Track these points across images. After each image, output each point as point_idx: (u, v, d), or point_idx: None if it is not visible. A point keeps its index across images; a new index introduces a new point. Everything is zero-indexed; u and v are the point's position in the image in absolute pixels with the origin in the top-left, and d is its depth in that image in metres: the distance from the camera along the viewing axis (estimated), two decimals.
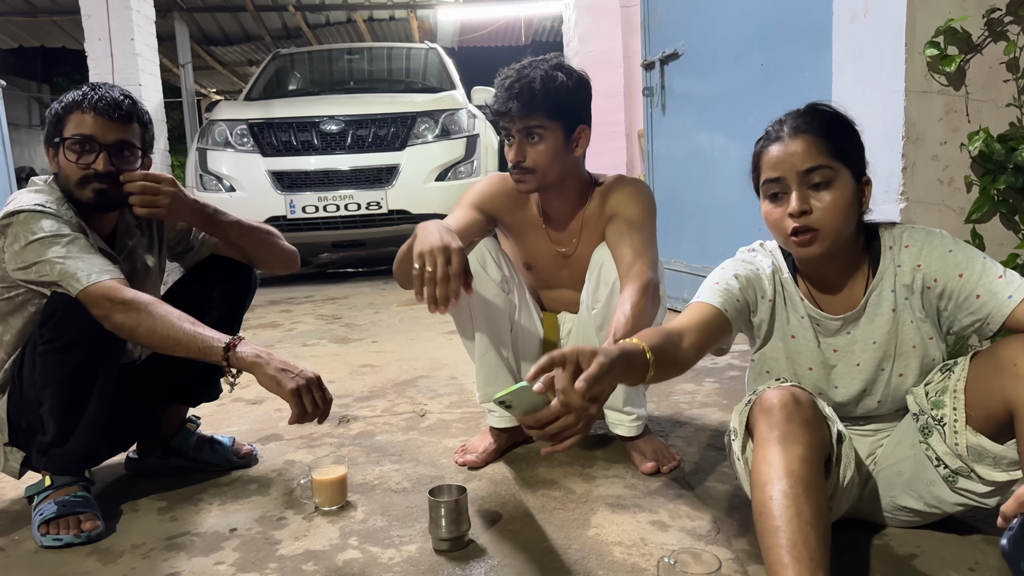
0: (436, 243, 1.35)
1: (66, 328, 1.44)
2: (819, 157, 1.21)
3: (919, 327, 1.29)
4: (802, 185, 1.22)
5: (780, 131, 1.26)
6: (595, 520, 1.48)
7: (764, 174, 1.27)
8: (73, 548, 1.46)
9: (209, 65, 11.47)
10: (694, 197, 3.31)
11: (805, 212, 1.21)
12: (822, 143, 1.22)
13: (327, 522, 1.53)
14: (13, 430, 1.59)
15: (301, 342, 3.32)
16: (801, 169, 1.21)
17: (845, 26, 2.15)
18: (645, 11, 3.64)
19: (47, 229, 1.46)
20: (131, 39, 5.26)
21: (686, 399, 2.24)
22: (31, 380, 1.51)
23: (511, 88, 1.57)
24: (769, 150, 1.26)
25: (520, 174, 1.62)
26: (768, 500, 1.09)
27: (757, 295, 1.36)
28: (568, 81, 1.60)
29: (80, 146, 1.53)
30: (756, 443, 1.18)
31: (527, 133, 1.59)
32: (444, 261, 1.34)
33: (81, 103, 1.53)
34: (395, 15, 9.74)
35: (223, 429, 2.09)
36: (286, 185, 4.84)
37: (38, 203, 1.50)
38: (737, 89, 2.92)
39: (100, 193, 1.54)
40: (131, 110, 1.57)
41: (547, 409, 1.21)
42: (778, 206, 1.25)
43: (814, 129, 1.23)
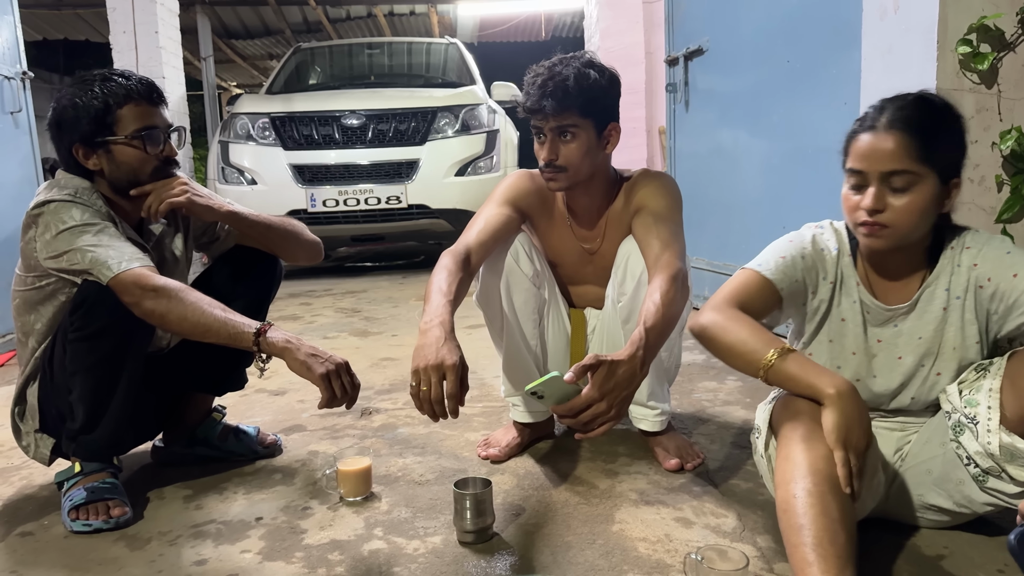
0: (431, 361, 1.32)
1: (96, 316, 1.45)
2: (904, 160, 1.18)
3: (965, 329, 1.28)
4: (882, 183, 1.20)
5: (877, 120, 1.22)
6: (619, 516, 1.48)
7: (849, 161, 1.25)
8: (102, 533, 1.48)
9: (230, 59, 11.53)
10: (716, 194, 3.29)
11: (878, 211, 1.20)
12: (913, 144, 1.18)
13: (352, 512, 1.54)
14: (44, 417, 1.61)
15: (321, 335, 3.34)
16: (883, 171, 1.20)
17: (874, 23, 2.13)
18: (669, 6, 3.62)
19: (77, 218, 1.48)
20: (155, 32, 5.30)
21: (708, 397, 2.23)
22: (61, 368, 1.52)
23: (544, 86, 1.56)
24: (860, 139, 1.23)
25: (552, 172, 1.61)
26: (792, 498, 1.09)
27: (819, 276, 1.35)
28: (601, 79, 1.59)
29: (152, 138, 1.56)
30: (780, 441, 1.17)
31: (560, 131, 1.59)
32: (438, 380, 1.31)
33: (131, 95, 1.54)
34: (415, 10, 9.76)
35: (247, 419, 2.11)
36: (307, 179, 4.87)
37: (68, 192, 1.52)
38: (762, 86, 2.90)
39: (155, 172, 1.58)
40: (160, 92, 1.62)
41: (579, 397, 1.23)
42: (855, 194, 1.24)
43: (910, 127, 1.19)
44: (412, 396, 1.34)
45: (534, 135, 1.63)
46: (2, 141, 3.28)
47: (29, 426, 1.63)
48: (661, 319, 1.37)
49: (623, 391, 1.26)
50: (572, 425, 1.28)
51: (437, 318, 1.39)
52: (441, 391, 1.31)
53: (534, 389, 1.23)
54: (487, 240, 1.61)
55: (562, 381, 1.22)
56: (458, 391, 1.32)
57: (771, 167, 2.91)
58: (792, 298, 1.34)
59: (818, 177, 2.62)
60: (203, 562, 1.36)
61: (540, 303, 1.74)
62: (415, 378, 1.33)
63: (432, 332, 1.36)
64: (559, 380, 1.22)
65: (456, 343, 1.36)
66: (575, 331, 1.81)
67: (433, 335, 1.36)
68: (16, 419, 1.64)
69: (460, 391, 1.32)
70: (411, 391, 1.34)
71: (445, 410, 1.31)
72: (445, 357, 1.32)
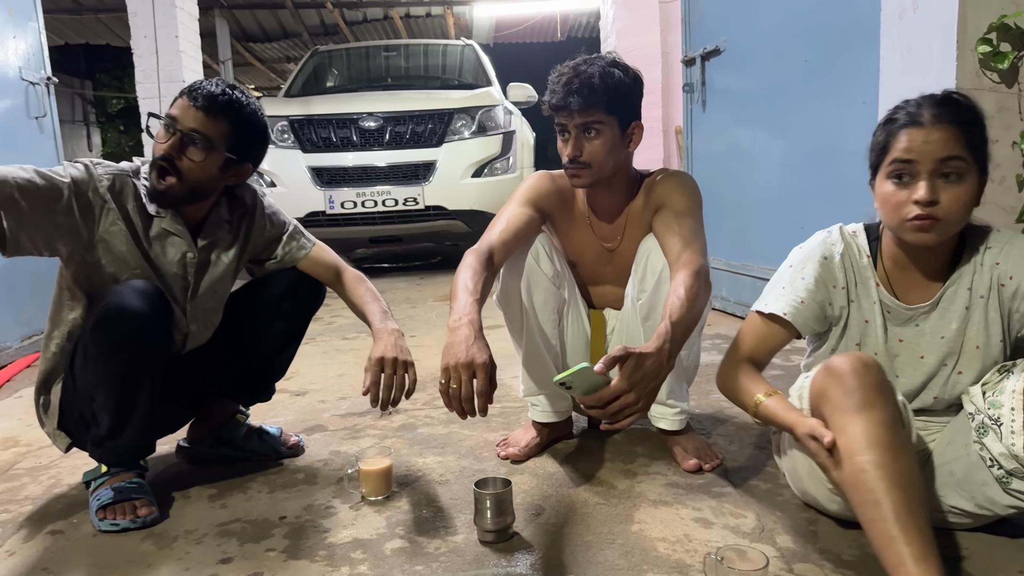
0: (462, 359, 1.34)
1: (115, 332, 1.46)
2: (958, 148, 1.19)
3: (988, 328, 1.28)
4: (934, 174, 1.20)
5: (919, 115, 1.23)
6: (638, 516, 1.49)
7: (895, 154, 1.24)
8: (129, 532, 1.50)
9: (248, 62, 11.62)
10: (733, 194, 3.29)
11: (934, 202, 1.20)
12: (961, 135, 1.20)
13: (374, 512, 1.56)
14: (63, 417, 1.65)
15: (341, 335, 3.37)
16: (939, 157, 1.20)
17: (893, 22, 2.12)
18: (686, 7, 3.62)
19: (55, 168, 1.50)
20: (175, 36, 5.35)
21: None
22: (83, 378, 1.54)
23: (570, 83, 1.57)
24: (907, 132, 1.23)
25: (576, 169, 1.63)
26: (860, 472, 1.08)
27: (828, 287, 1.37)
28: (625, 77, 1.61)
29: (163, 125, 1.56)
30: (830, 413, 1.16)
31: (584, 128, 1.60)
32: (468, 378, 1.33)
33: (186, 90, 1.56)
34: (431, 11, 9.79)
35: (269, 420, 2.13)
36: (325, 181, 4.91)
37: (101, 163, 1.57)
38: (780, 86, 2.90)
39: (158, 191, 1.55)
40: (225, 107, 1.55)
41: (607, 388, 1.25)
42: (902, 189, 1.23)
43: (958, 120, 1.21)
44: (442, 393, 1.36)
45: (558, 133, 1.65)
46: (27, 145, 3.34)
47: (51, 422, 1.67)
48: (686, 313, 1.39)
49: (651, 382, 1.27)
50: (599, 415, 1.29)
51: (466, 316, 1.40)
52: (471, 389, 1.33)
53: (563, 380, 1.25)
54: (509, 240, 1.63)
55: (591, 372, 1.24)
56: (488, 389, 1.34)
57: (789, 167, 2.90)
58: (810, 325, 1.39)
59: (836, 177, 2.62)
60: (229, 560, 1.39)
61: (560, 303, 1.76)
62: (445, 376, 1.35)
63: (461, 330, 1.38)
64: (588, 371, 1.24)
65: (485, 342, 1.38)
66: (594, 331, 1.82)
67: (463, 333, 1.37)
68: (40, 410, 1.68)
69: (490, 389, 1.34)
70: (440, 388, 1.36)
71: (474, 408, 1.33)
72: (475, 355, 1.34)
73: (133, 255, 1.57)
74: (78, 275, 1.57)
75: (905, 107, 1.26)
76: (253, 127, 1.63)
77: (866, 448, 1.09)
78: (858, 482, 1.09)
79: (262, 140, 1.67)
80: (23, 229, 1.43)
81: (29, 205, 1.42)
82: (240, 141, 1.60)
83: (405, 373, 1.56)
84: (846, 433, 1.12)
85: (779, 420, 1.29)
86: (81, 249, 1.54)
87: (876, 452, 1.08)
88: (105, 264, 1.56)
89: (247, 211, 1.75)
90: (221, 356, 1.78)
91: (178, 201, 1.59)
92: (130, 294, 1.47)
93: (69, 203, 1.49)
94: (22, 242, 1.44)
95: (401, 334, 1.63)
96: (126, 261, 1.57)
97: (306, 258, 1.80)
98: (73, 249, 1.53)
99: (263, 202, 1.78)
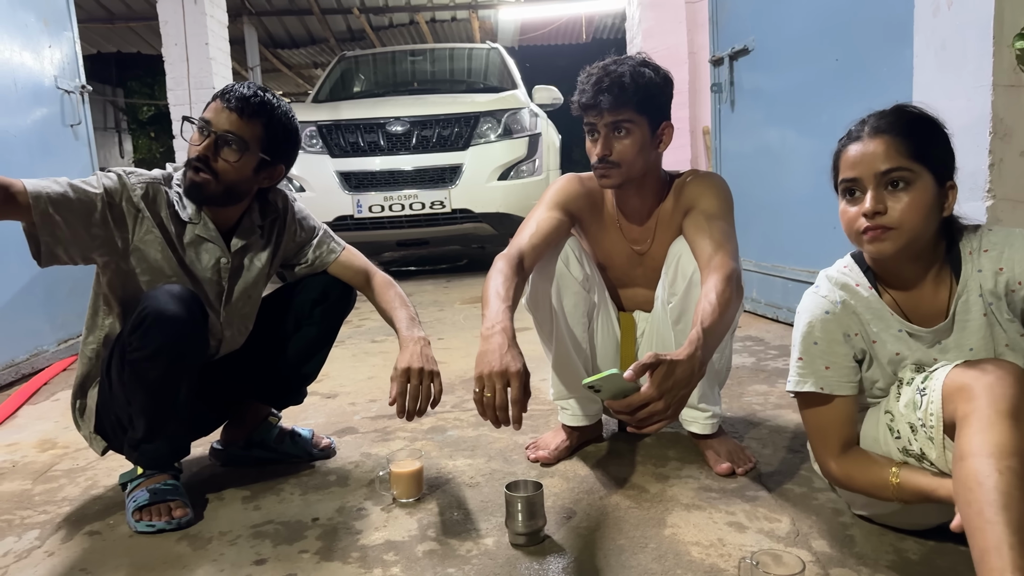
0: (496, 367, 1.32)
1: (152, 337, 1.48)
2: (897, 158, 1.19)
3: (1006, 328, 1.25)
4: (879, 186, 1.20)
5: (861, 131, 1.24)
6: (670, 519, 1.48)
7: (842, 173, 1.25)
8: (165, 534, 1.52)
9: (276, 68, 11.76)
10: (763, 195, 3.26)
11: (879, 212, 1.19)
12: (902, 144, 1.19)
13: (405, 514, 1.56)
14: (100, 421, 1.67)
15: (369, 338, 3.39)
16: (879, 170, 1.19)
17: (927, 19, 2.09)
18: (713, 6, 3.60)
19: (88, 179, 1.53)
20: (205, 44, 5.44)
21: (759, 400, 2.21)
22: (120, 382, 1.57)
23: (600, 82, 1.57)
24: (848, 149, 1.24)
25: (605, 168, 1.62)
26: (996, 473, 1.02)
27: (844, 340, 1.31)
28: (656, 77, 1.60)
29: (197, 128, 1.58)
30: (972, 411, 1.09)
31: (614, 127, 1.59)
32: (503, 387, 1.32)
33: (219, 94, 1.59)
34: (457, 16, 9.84)
35: (301, 422, 2.15)
36: (353, 185, 4.95)
37: (133, 172, 1.59)
38: (810, 85, 2.86)
39: (194, 184, 1.57)
40: (257, 109, 1.57)
41: (637, 395, 1.24)
42: (853, 205, 1.24)
43: (895, 129, 1.21)
44: (476, 402, 1.35)
45: (587, 133, 1.64)
46: (63, 152, 3.40)
47: (87, 425, 1.69)
48: (718, 319, 1.37)
49: (681, 390, 1.26)
50: (627, 421, 1.28)
51: (499, 324, 1.39)
52: (505, 398, 1.31)
53: (592, 383, 1.25)
54: (539, 244, 1.62)
55: (621, 378, 1.23)
56: (522, 398, 1.32)
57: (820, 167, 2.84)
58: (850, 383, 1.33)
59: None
60: (263, 561, 1.40)
61: (590, 307, 1.75)
62: (479, 384, 1.34)
63: (495, 338, 1.37)
64: (618, 376, 1.23)
65: (518, 349, 1.37)
66: (624, 334, 1.81)
67: (496, 341, 1.36)
68: (76, 414, 1.70)
69: (524, 398, 1.32)
70: (475, 397, 1.35)
71: (508, 417, 1.32)
72: (509, 364, 1.32)
73: (168, 262, 1.59)
74: (113, 283, 1.60)
75: (852, 127, 1.27)
76: (285, 128, 1.65)
77: (1011, 454, 1.03)
78: (982, 482, 1.02)
79: (294, 142, 1.69)
80: (59, 243, 1.45)
81: (64, 219, 1.44)
82: (273, 142, 1.62)
83: (431, 383, 1.57)
84: (989, 432, 1.05)
85: (925, 487, 1.19)
86: (116, 258, 1.56)
87: (1019, 461, 1.02)
88: (140, 272, 1.58)
89: (278, 216, 1.77)
90: (254, 361, 1.79)
91: (214, 198, 1.60)
92: (167, 299, 1.49)
93: (103, 215, 1.51)
94: (58, 254, 1.47)
95: (427, 342, 1.63)
96: (161, 269, 1.59)
97: (336, 262, 1.81)
98: (109, 258, 1.56)
99: (294, 207, 1.80)
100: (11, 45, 3.04)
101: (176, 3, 5.38)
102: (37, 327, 3.08)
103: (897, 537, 1.35)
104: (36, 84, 3.22)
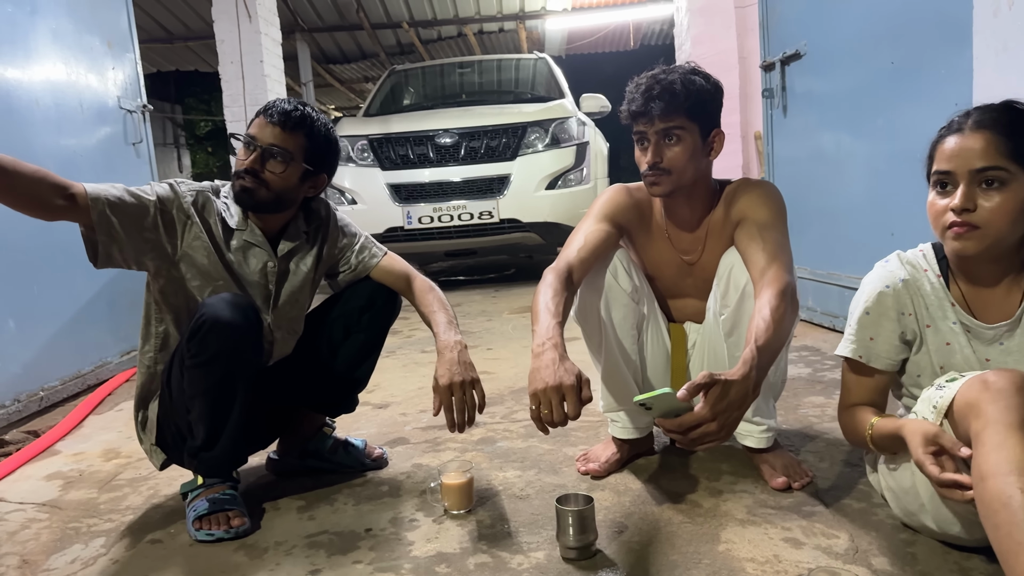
0: (550, 382, 1.32)
1: (210, 343, 1.53)
2: (995, 157, 1.16)
3: None
4: (972, 183, 1.17)
5: (963, 123, 1.21)
6: (724, 535, 1.45)
7: (936, 164, 1.22)
8: (223, 543, 1.56)
9: (328, 83, 12.00)
10: (818, 200, 3.19)
11: (968, 210, 1.16)
12: (1003, 143, 1.16)
13: (456, 525, 1.57)
14: (161, 433, 1.72)
15: (419, 348, 3.42)
16: (974, 167, 1.16)
17: (987, 19, 2.02)
18: (763, 11, 3.55)
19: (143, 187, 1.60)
20: (260, 61, 5.57)
21: (816, 412, 2.16)
22: (179, 390, 1.62)
23: (650, 90, 1.56)
24: (946, 141, 1.21)
25: (656, 175, 1.60)
26: (1020, 493, 0.98)
27: (896, 317, 1.33)
28: (707, 84, 1.59)
29: (244, 143, 1.66)
30: (984, 427, 1.07)
31: (665, 134, 1.58)
32: (559, 402, 1.31)
33: (262, 110, 1.66)
34: (504, 27, 9.91)
35: (354, 432, 2.18)
36: (403, 197, 5.01)
37: (184, 182, 1.67)
38: (865, 88, 2.80)
39: (244, 189, 1.64)
40: (299, 122, 1.64)
41: (690, 415, 1.22)
42: (943, 198, 1.21)
43: (999, 127, 1.17)
44: (533, 419, 1.35)
45: (636, 141, 1.63)
46: (125, 170, 3.52)
47: (148, 438, 1.75)
48: (772, 337, 1.34)
49: (735, 411, 1.24)
50: (679, 441, 1.27)
51: (550, 340, 1.39)
52: (563, 412, 1.31)
53: (643, 401, 1.24)
54: (587, 257, 1.62)
55: (673, 397, 1.22)
56: (579, 412, 1.32)
57: (876, 171, 2.80)
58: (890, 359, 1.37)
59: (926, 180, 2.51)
60: (317, 571, 1.42)
61: (639, 318, 1.73)
62: (534, 401, 1.34)
63: (547, 354, 1.36)
64: (670, 396, 1.22)
65: (571, 362, 1.36)
66: (675, 346, 1.80)
67: (548, 357, 1.36)
68: (139, 427, 1.76)
69: (580, 408, 1.32)
70: (532, 415, 1.35)
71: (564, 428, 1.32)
72: (563, 378, 1.32)
73: (215, 267, 1.65)
74: (164, 290, 1.66)
75: (955, 117, 1.23)
76: (326, 139, 1.71)
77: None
78: (1008, 503, 0.99)
79: (335, 152, 1.76)
80: (115, 242, 1.53)
81: (120, 221, 1.52)
82: (316, 153, 1.69)
83: (473, 391, 1.59)
84: (1005, 449, 1.03)
85: (895, 434, 1.24)
86: (167, 264, 1.62)
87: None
88: (189, 278, 1.64)
89: (322, 222, 1.82)
90: (306, 368, 1.83)
91: (263, 204, 1.67)
92: (223, 306, 1.54)
93: (155, 219, 1.58)
94: (113, 255, 1.54)
95: (464, 346, 1.65)
96: (209, 273, 1.64)
97: (378, 267, 1.85)
98: (160, 264, 1.62)
99: (335, 214, 1.86)
100: (77, 68, 3.16)
101: (232, 22, 5.53)
102: (101, 339, 3.19)
103: (962, 556, 1.31)
104: (100, 104, 3.34)
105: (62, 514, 1.79)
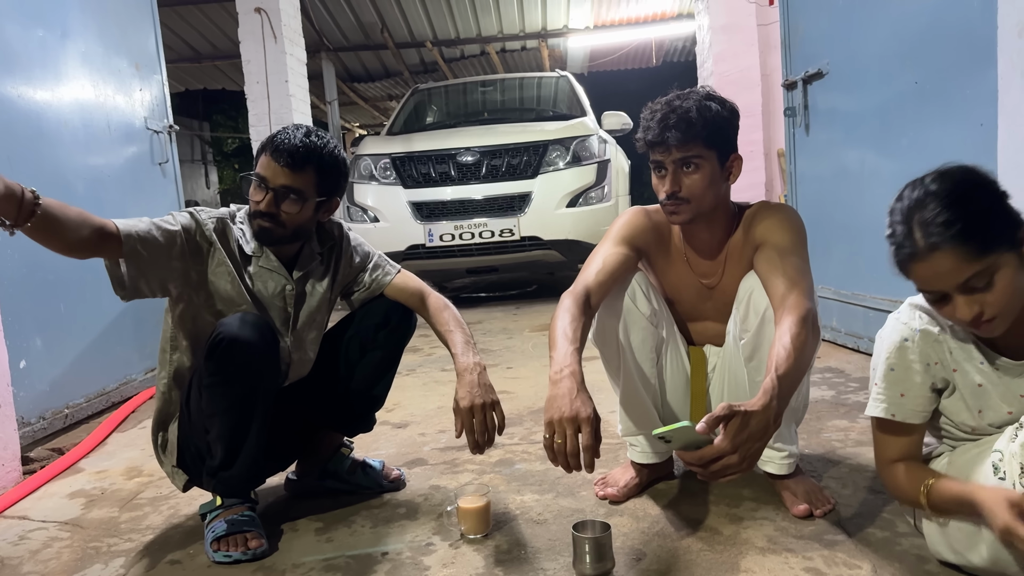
0: (566, 413, 1.31)
1: (228, 362, 1.55)
2: (972, 265, 1.11)
3: None
4: (966, 291, 1.13)
5: (915, 246, 1.14)
6: (744, 564, 1.43)
7: (920, 287, 1.19)
8: (241, 564, 1.56)
9: (352, 101, 12.12)
10: (842, 219, 3.16)
11: (978, 315, 1.14)
12: (968, 250, 1.10)
13: (472, 550, 1.56)
14: (182, 454, 1.74)
15: (440, 367, 3.42)
16: (958, 283, 1.13)
17: (1011, 40, 2.00)
18: (785, 30, 3.54)
19: (165, 218, 1.62)
20: (285, 81, 5.64)
21: (839, 437, 2.13)
22: (198, 410, 1.64)
23: (666, 119, 1.55)
24: (915, 269, 1.16)
25: (675, 205, 1.60)
26: None
27: (923, 368, 1.28)
28: (723, 110, 1.58)
29: (255, 184, 1.67)
30: None
31: (683, 163, 1.57)
32: (574, 432, 1.30)
33: (268, 146, 1.66)
34: (526, 45, 9.97)
35: (372, 452, 2.18)
36: (425, 215, 5.04)
37: (203, 210, 1.69)
38: (888, 108, 2.78)
39: (263, 229, 1.67)
40: (306, 159, 1.63)
41: (710, 447, 1.21)
42: (945, 307, 1.17)
43: (953, 238, 1.10)
44: (546, 448, 1.34)
45: (653, 170, 1.62)
46: (152, 189, 3.58)
47: (169, 460, 1.76)
48: (793, 365, 1.31)
49: (756, 443, 1.21)
50: (699, 473, 1.25)
51: (567, 368, 1.38)
52: (576, 444, 1.30)
53: (662, 434, 1.22)
54: (605, 280, 1.61)
55: (692, 430, 1.20)
56: (594, 444, 1.30)
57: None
58: (925, 411, 1.31)
59: None
60: None
61: (658, 342, 1.72)
62: (549, 430, 1.32)
63: (564, 383, 1.35)
64: (690, 428, 1.20)
65: (588, 394, 1.35)
66: (695, 369, 1.78)
67: (565, 386, 1.35)
68: (159, 449, 1.77)
69: (595, 443, 1.31)
70: (545, 443, 1.34)
71: (580, 463, 1.30)
72: (580, 409, 1.31)
73: (238, 292, 1.66)
74: (184, 315, 1.68)
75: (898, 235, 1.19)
76: (334, 166, 1.70)
77: None
78: None
79: (344, 173, 1.76)
80: (142, 276, 1.55)
81: (149, 254, 1.54)
82: (326, 183, 1.69)
83: (493, 412, 1.60)
84: None
85: (963, 499, 1.16)
86: (190, 290, 1.64)
87: None
88: (212, 304, 1.66)
89: (335, 243, 1.84)
90: (324, 387, 1.84)
91: (283, 240, 1.70)
92: (240, 325, 1.56)
93: (182, 248, 1.61)
94: (140, 288, 1.56)
95: (483, 367, 1.66)
96: (232, 299, 1.66)
97: (392, 284, 1.86)
98: (182, 290, 1.64)
99: (348, 234, 1.87)
100: (106, 90, 3.23)
101: (258, 44, 5.60)
102: (127, 356, 3.23)
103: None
104: (128, 125, 3.40)
105: (83, 533, 1.81)
